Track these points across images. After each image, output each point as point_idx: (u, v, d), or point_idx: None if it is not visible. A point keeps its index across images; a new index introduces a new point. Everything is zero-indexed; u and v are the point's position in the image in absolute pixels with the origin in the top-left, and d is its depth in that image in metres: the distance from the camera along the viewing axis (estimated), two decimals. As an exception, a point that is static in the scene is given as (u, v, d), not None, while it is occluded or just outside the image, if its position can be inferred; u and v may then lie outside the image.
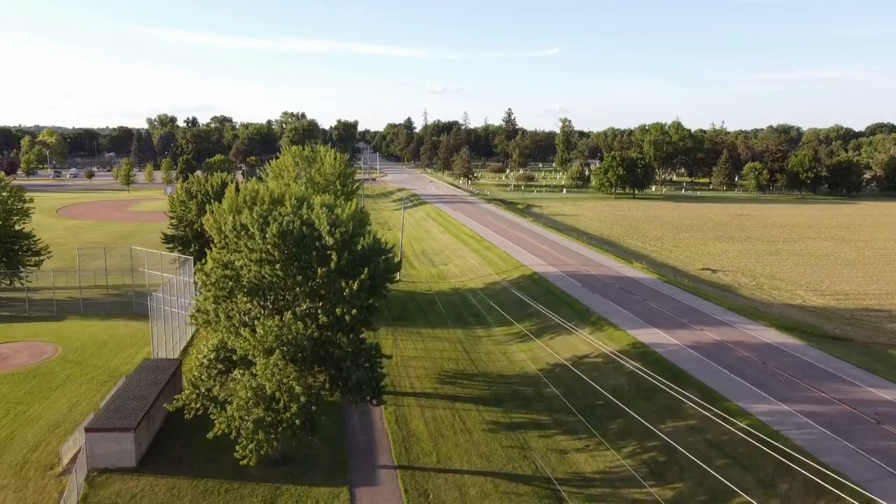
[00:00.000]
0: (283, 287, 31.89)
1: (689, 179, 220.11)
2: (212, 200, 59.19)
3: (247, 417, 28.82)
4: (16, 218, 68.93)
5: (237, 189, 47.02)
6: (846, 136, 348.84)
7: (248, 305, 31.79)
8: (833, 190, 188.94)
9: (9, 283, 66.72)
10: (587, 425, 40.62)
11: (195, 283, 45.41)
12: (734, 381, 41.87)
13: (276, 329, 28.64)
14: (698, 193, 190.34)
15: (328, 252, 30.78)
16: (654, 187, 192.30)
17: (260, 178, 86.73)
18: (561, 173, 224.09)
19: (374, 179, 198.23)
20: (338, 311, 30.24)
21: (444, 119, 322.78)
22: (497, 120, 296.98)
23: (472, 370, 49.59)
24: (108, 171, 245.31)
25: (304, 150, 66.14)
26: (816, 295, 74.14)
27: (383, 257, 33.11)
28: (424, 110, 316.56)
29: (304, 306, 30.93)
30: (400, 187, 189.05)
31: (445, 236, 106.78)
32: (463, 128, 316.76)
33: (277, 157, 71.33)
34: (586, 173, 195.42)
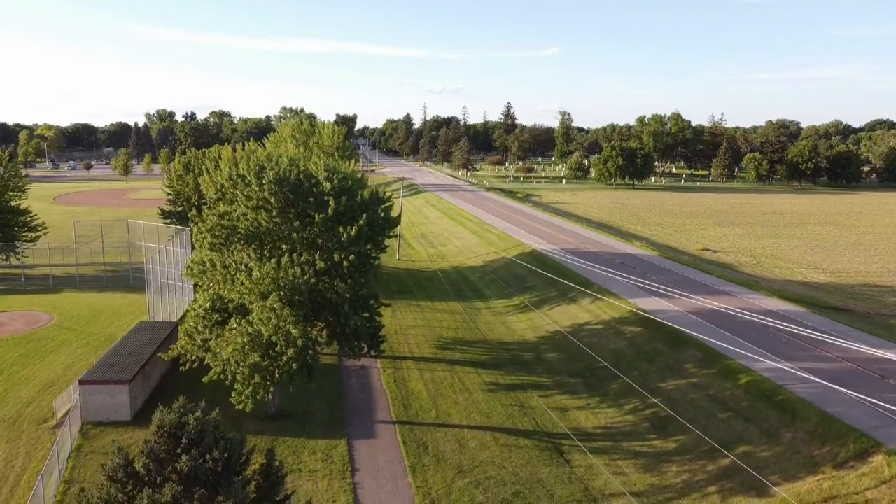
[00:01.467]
0: (279, 237, 31.44)
1: (689, 171, 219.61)
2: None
3: (243, 363, 28.37)
4: (12, 194, 68.42)
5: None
6: (845, 132, 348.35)
7: (245, 254, 31.31)
8: (833, 181, 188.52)
9: (5, 259, 66.18)
10: (588, 386, 40.22)
11: (193, 247, 44.89)
12: (736, 342, 41.39)
13: (272, 272, 28.18)
14: (698, 184, 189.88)
15: (325, 198, 30.32)
16: (653, 178, 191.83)
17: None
18: (560, 166, 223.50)
19: (373, 171, 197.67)
20: (335, 256, 29.80)
21: (444, 115, 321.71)
22: (496, 116, 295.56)
23: (471, 338, 49.15)
24: (107, 164, 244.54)
25: (302, 123, 65.68)
26: (818, 272, 73.66)
27: (382, 206, 32.64)
28: (424, 104, 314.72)
29: (302, 255, 30.45)
30: (398, 177, 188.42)
31: (444, 220, 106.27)
32: (462, 123, 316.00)
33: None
34: (586, 164, 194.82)
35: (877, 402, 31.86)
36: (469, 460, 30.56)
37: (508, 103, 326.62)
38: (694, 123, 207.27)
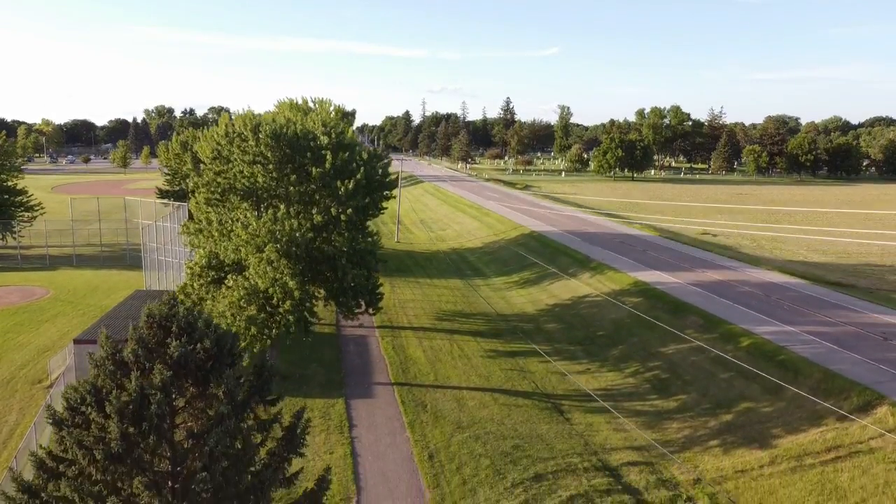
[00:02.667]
0: (276, 193, 31.07)
1: (688, 165, 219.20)
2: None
3: (239, 316, 28.02)
4: (7, 175, 68.02)
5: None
6: (844, 128, 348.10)
7: (241, 211, 30.94)
8: (832, 173, 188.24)
9: (1, 238, 65.79)
10: (587, 352, 39.87)
11: (191, 216, 44.54)
12: (737, 310, 41.09)
13: (268, 224, 27.81)
14: (697, 177, 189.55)
15: (323, 152, 29.96)
16: (652, 171, 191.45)
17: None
18: (559, 160, 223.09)
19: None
20: (332, 210, 29.43)
21: (443, 111, 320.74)
22: (495, 113, 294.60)
23: (470, 310, 48.80)
24: (105, 158, 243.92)
25: (296, 102, 65.13)
26: (818, 254, 73.26)
27: (380, 163, 32.24)
28: (423, 100, 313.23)
29: (299, 210, 30.09)
30: (397, 170, 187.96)
31: (444, 207, 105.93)
32: (462, 119, 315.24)
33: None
34: (585, 157, 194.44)
35: (880, 364, 31.61)
36: (468, 417, 30.22)
37: (507, 98, 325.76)
38: (693, 118, 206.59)
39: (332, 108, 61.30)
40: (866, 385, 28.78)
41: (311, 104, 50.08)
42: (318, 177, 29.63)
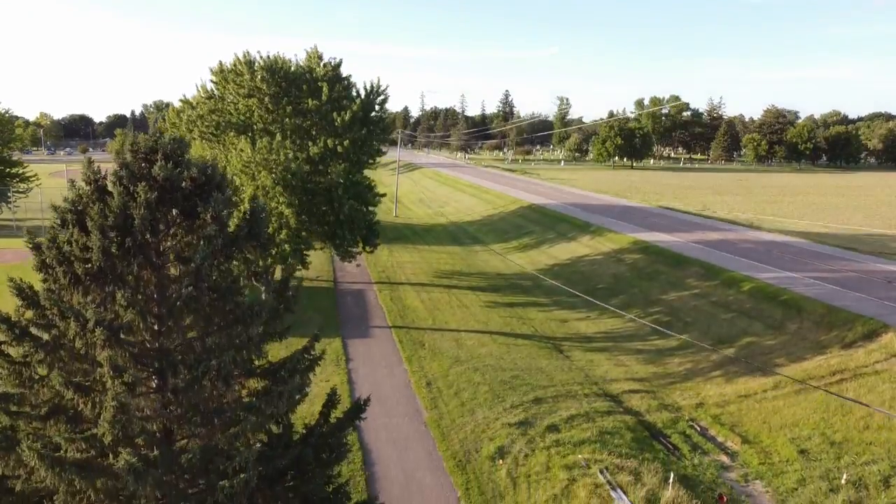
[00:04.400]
0: (271, 130, 30.61)
1: (688, 155, 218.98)
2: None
3: (233, 247, 27.52)
4: (3, 148, 67.59)
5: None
6: (843, 122, 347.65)
7: (236, 146, 30.49)
8: (832, 162, 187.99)
9: (-3, 208, 65.34)
10: (587, 303, 39.35)
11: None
12: (738, 261, 40.69)
13: (264, 151, 27.37)
14: (696, 166, 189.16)
15: (319, 84, 29.51)
16: (651, 160, 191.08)
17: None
18: (558, 150, 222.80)
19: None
20: (329, 142, 28.98)
21: (441, 106, 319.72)
22: (493, 108, 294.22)
23: (468, 270, 48.37)
24: (103, 151, 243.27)
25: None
26: (819, 227, 72.94)
27: (379, 98, 31.74)
28: (422, 93, 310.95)
29: (296, 141, 29.65)
30: (395, 159, 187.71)
31: (442, 188, 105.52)
32: (461, 113, 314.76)
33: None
34: (585, 147, 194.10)
35: (884, 301, 31.21)
36: (466, 353, 29.80)
37: (507, 91, 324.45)
38: (692, 107, 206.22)
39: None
40: (871, 317, 28.38)
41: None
42: (315, 109, 29.17)
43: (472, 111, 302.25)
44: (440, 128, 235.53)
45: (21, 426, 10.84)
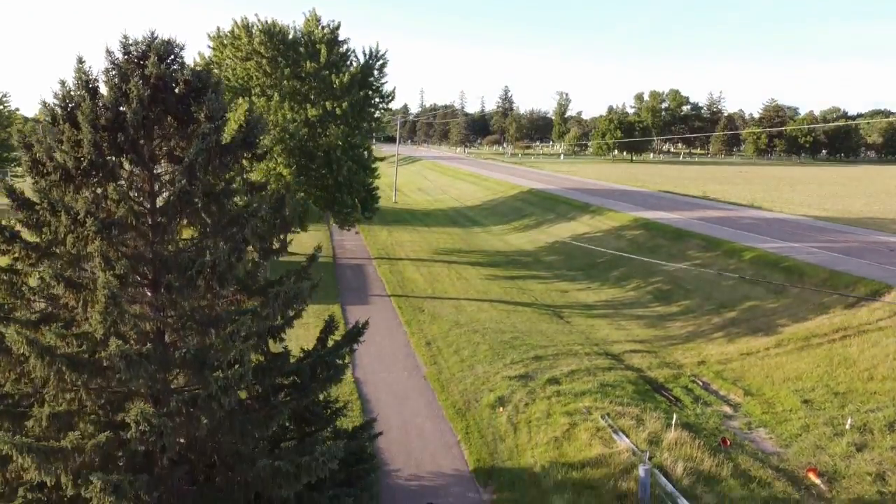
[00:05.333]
0: (269, 94, 30.36)
1: (687, 150, 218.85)
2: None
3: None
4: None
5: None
6: (844, 118, 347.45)
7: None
8: (832, 156, 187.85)
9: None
10: (588, 275, 39.23)
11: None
12: (739, 234, 40.49)
13: (262, 111, 27.12)
14: (696, 159, 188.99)
15: (318, 46, 29.27)
16: (651, 155, 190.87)
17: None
18: (557, 145, 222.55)
19: (373, 140, 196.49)
20: (327, 104, 28.73)
21: (441, 103, 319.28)
22: (493, 105, 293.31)
23: (468, 248, 48.12)
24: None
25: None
26: (820, 211, 72.77)
27: (378, 63, 31.46)
28: (421, 90, 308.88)
29: (294, 106, 29.40)
30: (394, 153, 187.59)
31: (442, 178, 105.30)
32: (461, 109, 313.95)
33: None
34: (584, 142, 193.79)
35: (886, 266, 31.02)
36: (466, 318, 29.56)
37: (506, 87, 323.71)
38: (691, 101, 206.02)
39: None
40: (874, 279, 28.18)
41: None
42: (313, 71, 28.93)
43: (472, 108, 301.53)
44: (440, 124, 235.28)
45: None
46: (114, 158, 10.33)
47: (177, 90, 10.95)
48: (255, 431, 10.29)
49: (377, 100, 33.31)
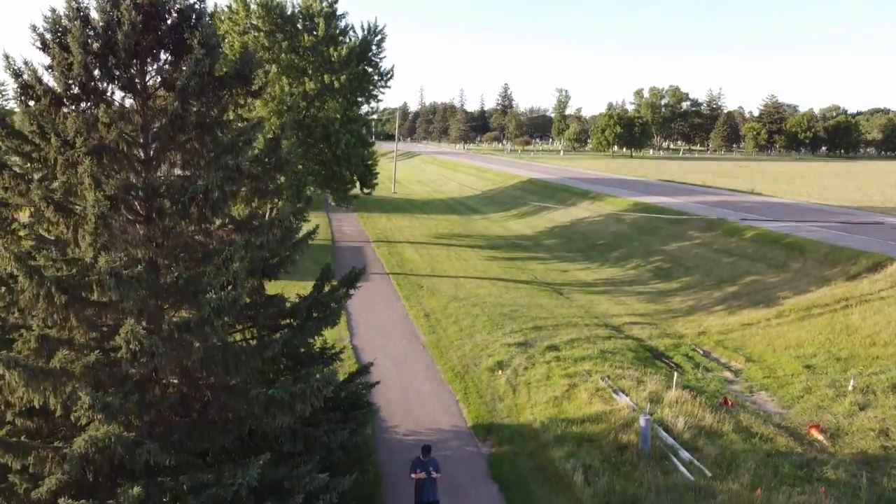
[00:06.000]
0: (267, 69, 30.15)
1: (687, 147, 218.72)
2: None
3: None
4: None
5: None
6: (843, 115, 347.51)
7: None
8: (831, 151, 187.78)
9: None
10: (588, 256, 39.06)
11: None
12: (739, 215, 40.32)
13: (259, 82, 26.86)
14: (696, 155, 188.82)
15: (316, 20, 29.08)
16: (651, 151, 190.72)
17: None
18: (557, 142, 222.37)
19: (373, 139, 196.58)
20: (326, 77, 28.53)
21: (440, 101, 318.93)
22: (493, 102, 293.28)
23: (467, 233, 47.95)
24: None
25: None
26: (820, 200, 72.61)
27: (377, 38, 31.24)
28: (420, 88, 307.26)
29: (291, 81, 29.19)
30: (392, 149, 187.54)
31: (442, 170, 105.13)
32: (461, 106, 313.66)
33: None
34: (584, 137, 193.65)
35: (888, 241, 30.86)
36: (465, 293, 29.38)
37: (506, 84, 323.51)
38: (691, 98, 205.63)
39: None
40: (875, 252, 28.01)
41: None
42: (311, 45, 28.73)
43: (471, 107, 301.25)
44: (440, 118, 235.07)
45: None
46: (105, 84, 10.14)
47: (170, 21, 10.79)
48: (248, 362, 10.09)
49: (376, 78, 33.09)
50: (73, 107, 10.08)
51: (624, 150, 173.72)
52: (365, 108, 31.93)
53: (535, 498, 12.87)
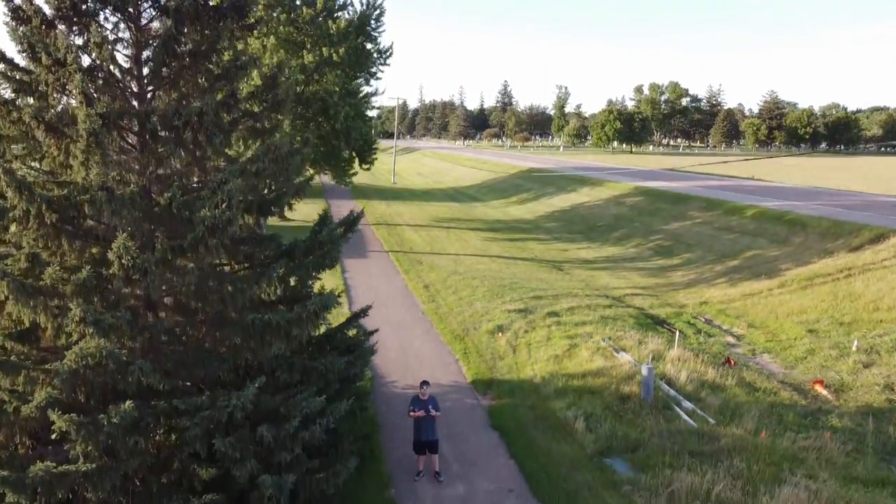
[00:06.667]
0: (265, 43, 29.93)
1: (686, 143, 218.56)
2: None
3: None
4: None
5: None
6: (843, 112, 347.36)
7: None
8: (831, 147, 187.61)
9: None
10: (588, 237, 38.87)
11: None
12: (740, 196, 40.14)
13: (257, 54, 26.65)
14: (696, 151, 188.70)
15: (313, -9, 28.87)
16: (651, 147, 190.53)
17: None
18: (557, 138, 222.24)
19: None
20: (324, 51, 28.32)
21: (440, 99, 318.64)
22: (492, 100, 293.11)
23: (467, 218, 47.73)
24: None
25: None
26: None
27: (375, 13, 31.04)
28: (420, 85, 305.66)
29: (289, 54, 28.97)
30: (391, 145, 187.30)
31: (441, 163, 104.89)
32: (460, 103, 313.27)
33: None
34: (584, 132, 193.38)
35: (891, 216, 30.68)
36: (465, 268, 29.17)
37: (505, 82, 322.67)
38: (691, 93, 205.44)
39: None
40: (878, 225, 27.83)
41: None
42: (309, 18, 28.51)
43: (471, 105, 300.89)
44: (440, 115, 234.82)
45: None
46: (97, 5, 9.94)
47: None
48: (244, 291, 9.88)
49: (375, 55, 32.89)
50: (65, 27, 9.88)
51: (623, 146, 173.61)
52: (365, 90, 31.77)
53: (536, 444, 12.68)
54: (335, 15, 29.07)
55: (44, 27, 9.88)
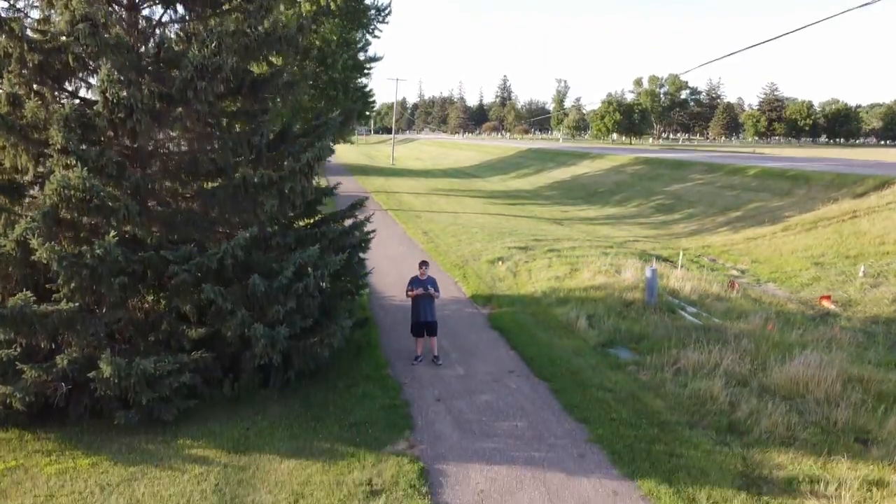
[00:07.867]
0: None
1: (686, 136, 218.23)
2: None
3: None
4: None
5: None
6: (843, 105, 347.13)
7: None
8: (831, 139, 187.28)
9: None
10: (589, 201, 38.55)
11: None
12: (742, 160, 39.84)
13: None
14: (696, 144, 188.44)
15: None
16: (650, 140, 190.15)
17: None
18: (556, 132, 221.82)
19: (369, 131, 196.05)
20: (321, 0, 27.95)
21: (439, 95, 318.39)
22: (492, 95, 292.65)
23: (467, 189, 47.38)
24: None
25: None
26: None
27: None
28: (419, 80, 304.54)
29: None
30: (389, 138, 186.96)
31: (441, 149, 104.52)
32: (460, 98, 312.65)
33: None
34: (583, 125, 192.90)
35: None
36: (465, 220, 28.84)
37: (504, 76, 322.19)
38: (690, 86, 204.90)
39: None
40: (881, 174, 27.52)
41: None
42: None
43: (471, 100, 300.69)
44: (439, 108, 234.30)
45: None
46: None
47: None
48: (237, 149, 9.55)
49: (373, 12, 32.51)
50: None
51: (623, 138, 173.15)
52: (363, 41, 31.34)
53: (538, 339, 12.34)
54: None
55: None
